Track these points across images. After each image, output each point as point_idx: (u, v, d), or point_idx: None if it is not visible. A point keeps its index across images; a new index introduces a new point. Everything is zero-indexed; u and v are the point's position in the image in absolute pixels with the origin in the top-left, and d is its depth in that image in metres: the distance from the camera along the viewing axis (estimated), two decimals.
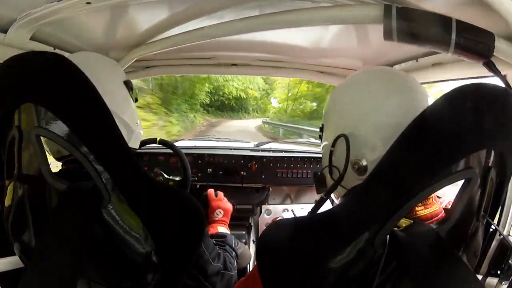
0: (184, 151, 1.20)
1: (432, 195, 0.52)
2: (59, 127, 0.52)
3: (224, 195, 1.28)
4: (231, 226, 1.39)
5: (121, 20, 0.94)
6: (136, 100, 0.79)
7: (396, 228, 0.45)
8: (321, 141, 0.64)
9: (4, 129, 0.56)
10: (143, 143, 1.22)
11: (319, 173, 0.66)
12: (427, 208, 0.51)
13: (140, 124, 0.80)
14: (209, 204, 1.15)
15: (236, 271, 0.85)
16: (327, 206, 0.57)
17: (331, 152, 0.58)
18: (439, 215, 0.51)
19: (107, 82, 0.70)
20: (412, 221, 0.47)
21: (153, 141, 1.20)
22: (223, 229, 1.08)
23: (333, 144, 0.57)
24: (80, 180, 0.54)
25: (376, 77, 0.58)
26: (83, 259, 0.51)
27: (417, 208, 0.50)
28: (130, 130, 0.73)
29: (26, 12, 0.73)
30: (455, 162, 0.44)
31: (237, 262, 0.91)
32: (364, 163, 0.52)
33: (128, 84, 0.75)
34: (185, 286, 0.67)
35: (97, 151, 0.51)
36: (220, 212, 1.09)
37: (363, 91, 0.56)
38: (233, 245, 0.94)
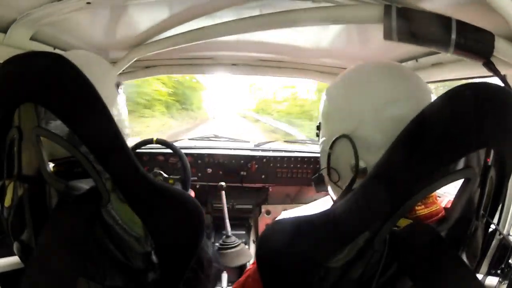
0: (184, 151, 1.20)
1: (433, 194, 0.52)
2: (59, 127, 0.52)
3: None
4: (231, 226, 1.39)
5: (121, 20, 0.94)
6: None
7: (396, 228, 0.45)
8: (319, 139, 0.62)
9: (4, 129, 0.56)
10: (140, 144, 1.22)
11: (318, 174, 0.65)
12: (427, 208, 0.51)
13: (128, 128, 0.79)
14: None
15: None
16: (327, 206, 0.57)
17: (329, 155, 0.57)
18: (439, 214, 0.51)
19: (101, 82, 0.69)
20: (411, 220, 0.47)
21: (150, 141, 1.20)
22: None
23: (331, 146, 0.56)
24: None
25: (378, 73, 0.55)
26: (82, 259, 0.51)
27: (417, 208, 0.50)
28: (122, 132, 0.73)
29: (26, 12, 0.73)
30: (454, 161, 0.44)
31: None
32: (363, 165, 0.51)
33: (119, 86, 0.74)
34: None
35: (97, 151, 0.51)
36: None
37: (364, 89, 0.53)
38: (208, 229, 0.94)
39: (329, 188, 0.63)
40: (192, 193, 1.12)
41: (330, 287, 0.46)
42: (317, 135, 0.63)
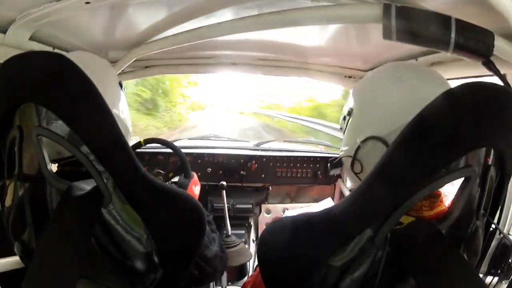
0: (184, 150, 1.20)
1: (440, 196, 0.52)
2: (60, 127, 0.52)
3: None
4: (231, 226, 1.39)
5: (120, 19, 0.94)
6: None
7: (398, 226, 0.45)
8: (345, 123, 0.63)
9: (5, 129, 0.56)
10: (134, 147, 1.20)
11: (340, 158, 0.65)
12: (433, 209, 0.51)
13: (131, 127, 0.79)
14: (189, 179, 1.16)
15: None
16: (328, 205, 0.58)
17: (358, 146, 0.57)
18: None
19: (105, 82, 0.69)
20: (414, 218, 0.47)
21: (138, 145, 1.16)
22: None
23: (364, 140, 0.56)
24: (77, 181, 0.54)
25: (420, 78, 0.56)
26: (83, 259, 0.51)
27: (423, 209, 0.50)
28: (126, 131, 0.73)
29: (26, 12, 0.73)
30: (454, 160, 0.44)
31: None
32: None
33: (121, 85, 0.75)
34: (189, 274, 0.68)
35: (98, 151, 0.51)
36: (198, 188, 1.14)
37: (404, 95, 0.54)
38: (213, 225, 0.96)
39: (346, 176, 0.63)
40: (198, 188, 1.12)
41: (331, 286, 0.46)
42: (344, 119, 0.64)
